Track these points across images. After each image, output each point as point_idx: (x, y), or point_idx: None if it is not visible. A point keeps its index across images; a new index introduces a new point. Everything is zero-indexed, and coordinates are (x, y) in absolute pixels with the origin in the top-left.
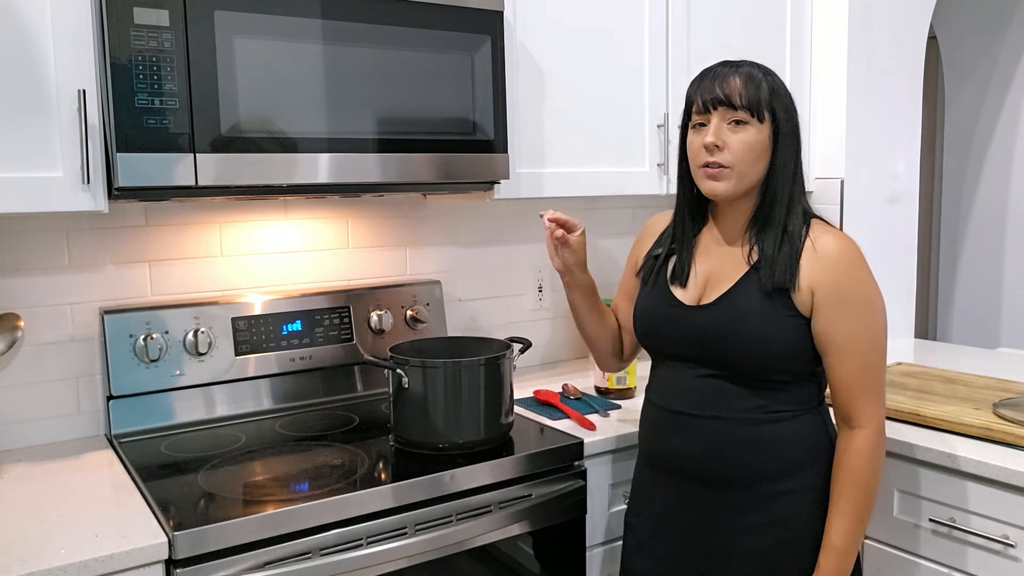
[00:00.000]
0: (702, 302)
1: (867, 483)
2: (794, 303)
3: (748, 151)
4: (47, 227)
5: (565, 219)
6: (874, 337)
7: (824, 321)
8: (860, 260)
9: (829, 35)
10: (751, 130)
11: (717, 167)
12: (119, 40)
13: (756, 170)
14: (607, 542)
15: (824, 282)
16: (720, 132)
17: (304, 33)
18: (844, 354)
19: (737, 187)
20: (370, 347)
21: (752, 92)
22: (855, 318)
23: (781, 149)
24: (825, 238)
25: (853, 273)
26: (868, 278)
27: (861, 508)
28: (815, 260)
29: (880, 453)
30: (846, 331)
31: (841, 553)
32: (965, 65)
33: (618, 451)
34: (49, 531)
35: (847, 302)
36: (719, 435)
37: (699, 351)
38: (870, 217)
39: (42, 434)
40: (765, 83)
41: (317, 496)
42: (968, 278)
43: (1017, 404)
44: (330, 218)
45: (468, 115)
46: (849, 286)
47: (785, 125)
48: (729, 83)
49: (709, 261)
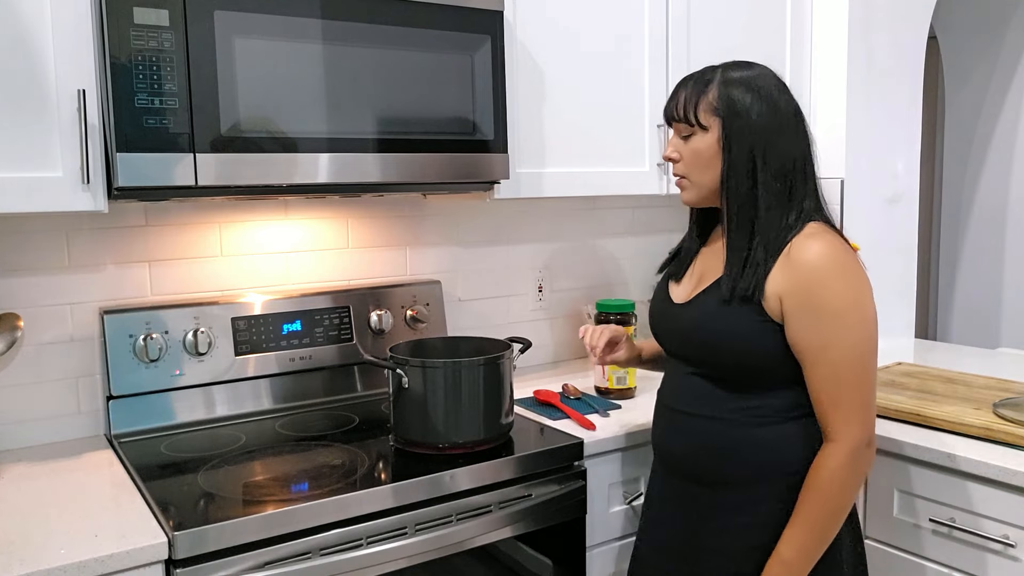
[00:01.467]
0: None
1: (828, 499)
2: (765, 310)
3: (696, 159)
4: (47, 227)
5: (605, 342)
6: (849, 349)
7: (794, 330)
8: (837, 268)
9: (829, 35)
10: (696, 139)
11: (679, 177)
12: (119, 40)
13: (710, 176)
14: (607, 542)
15: (791, 291)
16: (676, 145)
17: (304, 33)
18: (815, 365)
19: (699, 194)
20: (370, 347)
21: (692, 102)
22: (825, 329)
23: (732, 151)
24: (804, 244)
25: (824, 282)
26: (843, 288)
27: (817, 523)
28: (786, 267)
29: (850, 472)
30: (816, 342)
31: (785, 564)
32: (965, 65)
33: (618, 451)
34: (49, 531)
35: (815, 312)
36: (701, 433)
37: (684, 349)
38: (870, 217)
39: (42, 434)
40: (715, 87)
41: (317, 496)
42: (968, 278)
43: (1017, 404)
44: (330, 218)
45: (468, 115)
46: (818, 295)
47: (735, 129)
48: (676, 98)
49: (705, 260)
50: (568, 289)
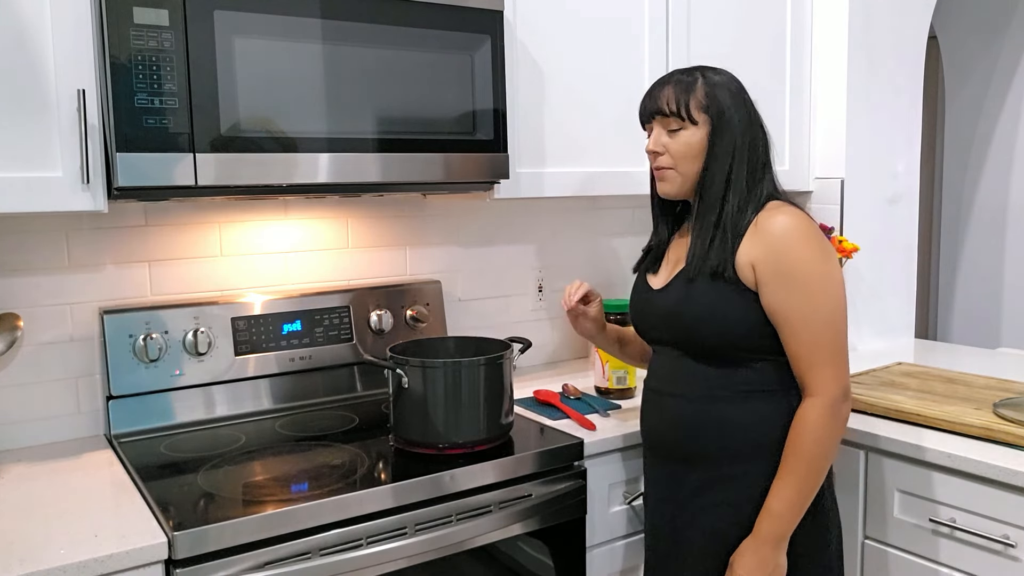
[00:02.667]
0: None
1: (809, 449)
2: (737, 278)
3: (687, 151)
4: (47, 227)
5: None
6: (822, 310)
7: (768, 295)
8: (803, 235)
9: (829, 35)
10: (684, 133)
11: (661, 168)
12: (119, 40)
13: (695, 168)
14: (607, 542)
15: (762, 258)
16: (659, 139)
17: (304, 33)
18: (791, 327)
19: (683, 185)
20: (370, 347)
21: (681, 98)
22: (798, 292)
23: (715, 146)
24: (772, 215)
25: (792, 247)
26: (811, 252)
27: (802, 475)
28: (755, 237)
29: (829, 423)
30: (791, 305)
31: (774, 515)
32: (965, 65)
33: (618, 451)
34: (49, 531)
35: (786, 276)
36: (682, 413)
37: (663, 332)
38: (870, 217)
39: (42, 434)
40: (701, 87)
41: (317, 496)
42: (968, 278)
43: (1017, 404)
44: (330, 218)
45: (468, 115)
46: (788, 260)
47: (720, 123)
48: (660, 94)
49: (678, 249)
50: None
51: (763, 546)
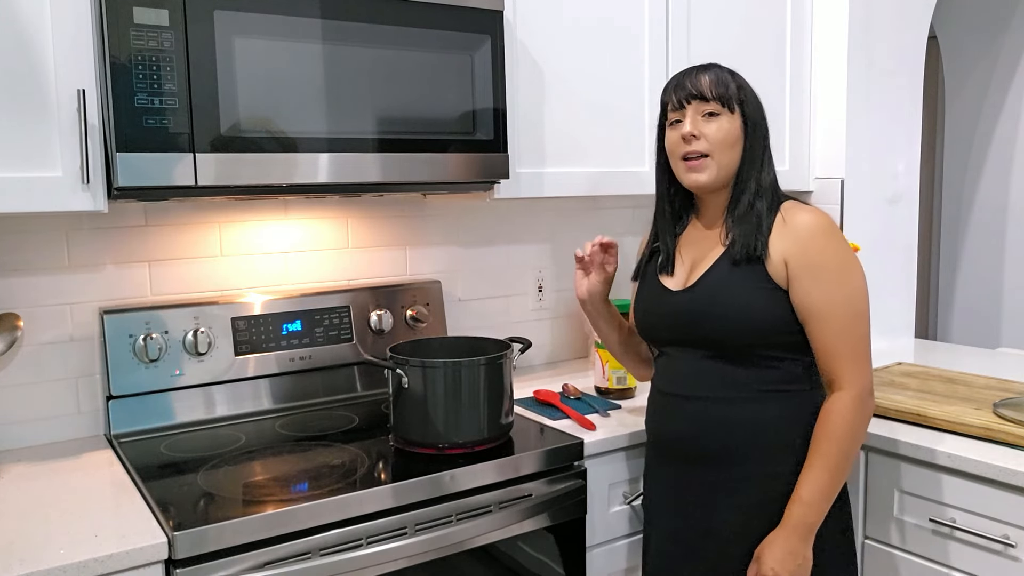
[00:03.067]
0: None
1: (840, 440)
2: (768, 274)
3: (724, 137)
4: (47, 227)
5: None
6: (851, 302)
7: (800, 290)
8: (830, 230)
9: (829, 35)
10: (724, 119)
11: (697, 157)
12: (119, 40)
13: (732, 157)
14: (607, 542)
15: (795, 252)
16: (696, 123)
17: (304, 33)
18: (822, 320)
19: (718, 175)
20: (370, 347)
21: (721, 87)
22: (829, 285)
23: (750, 139)
24: (796, 212)
25: (823, 241)
26: (839, 246)
27: (832, 464)
28: (785, 231)
29: (858, 415)
30: (821, 298)
31: (805, 504)
32: (965, 65)
33: (618, 451)
34: (49, 531)
35: (819, 269)
36: (708, 415)
37: (687, 334)
38: (870, 217)
39: (42, 434)
40: (733, 80)
41: (317, 496)
42: (968, 278)
43: (1017, 404)
44: (330, 218)
45: (468, 114)
46: (820, 254)
47: (753, 117)
48: (699, 79)
49: (693, 250)
50: (568, 289)
51: (792, 535)
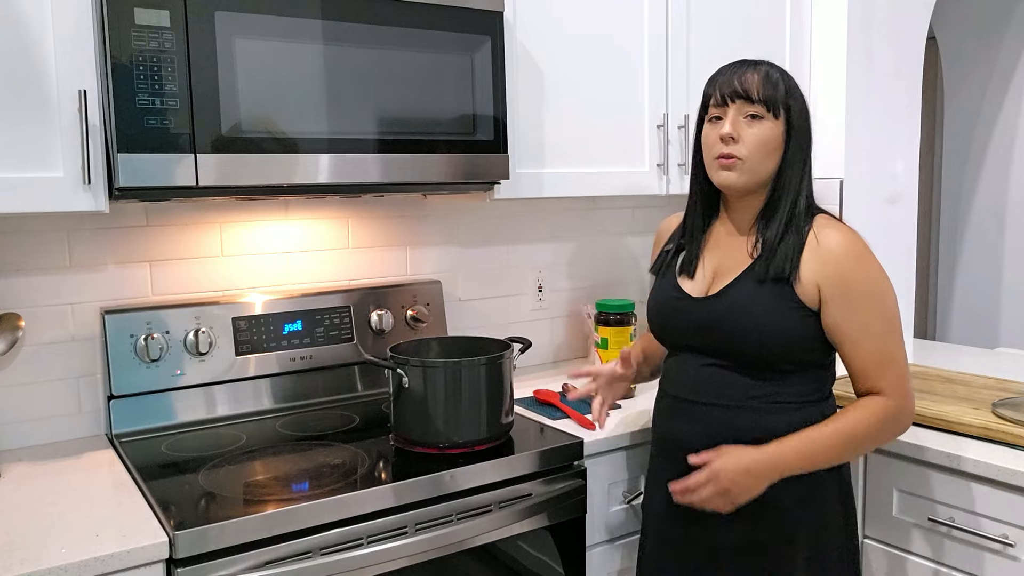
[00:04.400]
0: (708, 294)
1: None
2: (797, 295)
3: (762, 145)
4: (48, 227)
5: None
6: (887, 322)
7: (834, 315)
8: (865, 252)
9: (829, 35)
10: (766, 125)
11: (730, 157)
12: (120, 40)
13: (767, 165)
14: (607, 542)
15: (830, 276)
16: (736, 124)
17: (304, 34)
18: (859, 344)
19: (749, 180)
20: (370, 347)
21: (769, 89)
22: (866, 309)
23: (793, 146)
24: (829, 232)
25: (859, 266)
26: (874, 269)
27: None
28: (819, 254)
29: (891, 423)
30: (858, 323)
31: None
32: (965, 65)
33: (618, 451)
34: (50, 530)
35: (856, 295)
36: (719, 422)
37: (704, 341)
38: (870, 217)
39: (43, 434)
40: (782, 82)
41: (317, 496)
42: (968, 278)
43: (1016, 404)
44: (331, 218)
45: (468, 115)
46: (856, 280)
47: (798, 123)
48: (748, 78)
49: (717, 254)
50: (568, 289)
51: (758, 463)
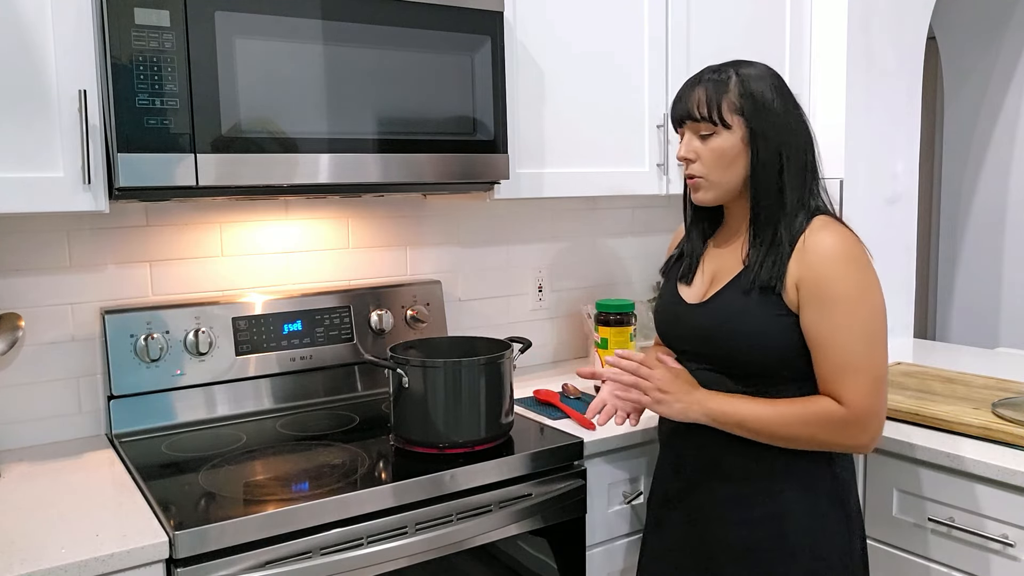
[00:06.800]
0: (702, 300)
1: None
2: (784, 302)
3: (718, 158)
4: (48, 227)
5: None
6: (859, 332)
7: (807, 317)
8: (851, 258)
9: (829, 36)
10: (718, 139)
11: (693, 177)
12: (120, 40)
13: (731, 175)
14: (607, 542)
15: (806, 278)
16: (691, 145)
17: (305, 34)
18: (826, 349)
19: (718, 194)
20: (370, 347)
21: (713, 101)
22: (836, 315)
23: (760, 149)
24: (818, 235)
25: (837, 270)
26: (856, 276)
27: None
28: (802, 256)
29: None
30: (826, 328)
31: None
32: (965, 65)
33: (618, 451)
34: (50, 530)
35: (827, 299)
36: (711, 429)
37: (698, 347)
38: (870, 217)
39: (43, 434)
40: (735, 86)
41: (317, 496)
42: (967, 278)
43: (1016, 404)
44: (331, 218)
45: (468, 115)
46: (831, 283)
47: (761, 123)
48: (690, 97)
49: (717, 259)
50: (568, 289)
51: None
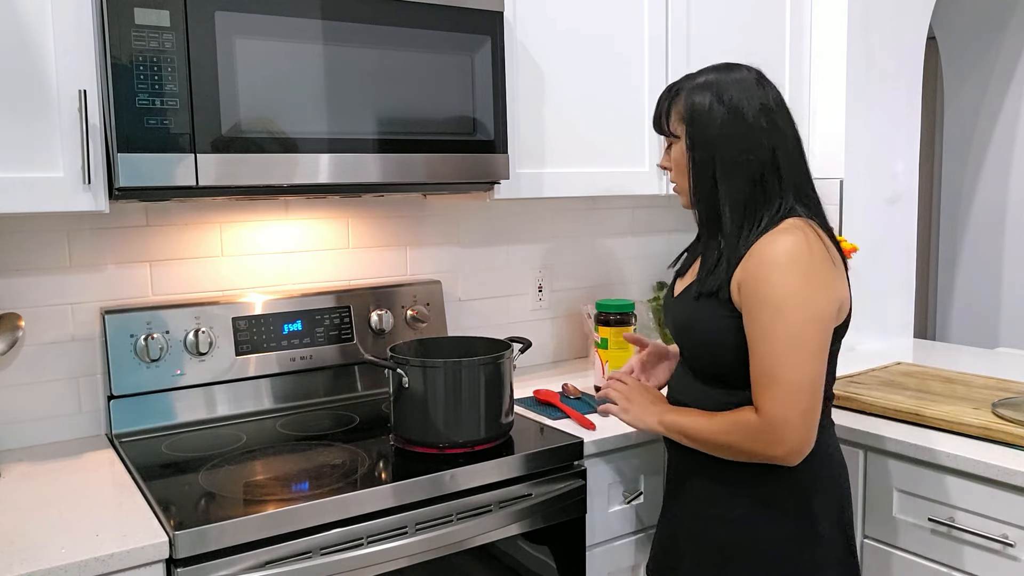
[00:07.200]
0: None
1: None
2: (733, 303)
3: (677, 167)
4: (48, 227)
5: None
6: (783, 341)
7: (744, 319)
8: (790, 262)
9: (829, 36)
10: (676, 148)
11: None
12: (120, 40)
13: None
14: (607, 542)
15: (744, 281)
16: (665, 154)
17: (305, 34)
18: (751, 354)
19: (686, 200)
20: (370, 347)
21: (665, 112)
22: (762, 321)
23: (695, 158)
24: (769, 238)
25: (772, 274)
26: (790, 281)
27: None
28: (748, 259)
29: (752, 441)
30: (754, 332)
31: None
32: (965, 65)
33: (618, 451)
34: (50, 530)
35: (756, 303)
36: None
37: (676, 340)
38: (870, 217)
39: (43, 434)
40: (684, 98)
41: (317, 496)
42: (967, 278)
43: (1016, 404)
44: (331, 218)
45: (468, 115)
46: (763, 287)
47: (693, 133)
48: (656, 108)
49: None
50: (568, 289)
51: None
